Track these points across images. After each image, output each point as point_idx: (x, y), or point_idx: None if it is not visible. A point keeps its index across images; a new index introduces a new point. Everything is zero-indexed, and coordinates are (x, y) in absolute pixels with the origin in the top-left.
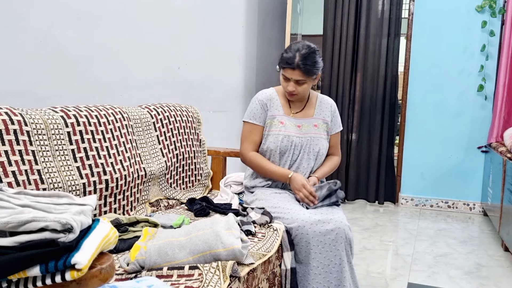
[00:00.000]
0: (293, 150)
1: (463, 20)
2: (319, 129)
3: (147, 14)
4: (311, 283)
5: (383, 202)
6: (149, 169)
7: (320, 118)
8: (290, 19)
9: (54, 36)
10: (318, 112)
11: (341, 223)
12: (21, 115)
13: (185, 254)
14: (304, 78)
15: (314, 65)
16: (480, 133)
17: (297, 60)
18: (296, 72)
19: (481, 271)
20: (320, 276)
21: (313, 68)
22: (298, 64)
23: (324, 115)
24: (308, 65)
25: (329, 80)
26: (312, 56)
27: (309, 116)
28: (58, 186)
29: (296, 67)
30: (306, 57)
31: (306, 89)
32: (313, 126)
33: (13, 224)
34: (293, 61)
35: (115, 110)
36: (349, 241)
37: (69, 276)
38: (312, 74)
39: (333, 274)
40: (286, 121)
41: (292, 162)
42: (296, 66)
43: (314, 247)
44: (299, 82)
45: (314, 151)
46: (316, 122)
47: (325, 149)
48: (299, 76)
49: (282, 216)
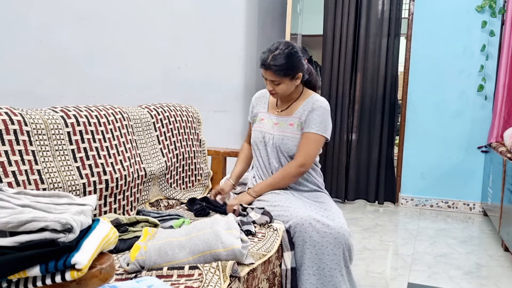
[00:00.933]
0: (263, 146)
1: (463, 20)
2: (293, 128)
3: (147, 14)
4: (304, 284)
5: (383, 202)
6: (149, 169)
7: (297, 117)
8: (290, 19)
9: (54, 36)
10: (299, 111)
11: (342, 228)
12: (21, 115)
13: (185, 254)
14: (276, 78)
15: (285, 66)
16: (480, 133)
17: (269, 60)
18: (268, 73)
19: (481, 271)
20: (314, 277)
21: (284, 70)
22: (269, 65)
23: (302, 113)
24: (278, 66)
25: (329, 80)
26: (286, 57)
27: (289, 114)
28: (58, 186)
29: (267, 68)
30: (278, 58)
31: (284, 89)
32: (288, 125)
33: (13, 224)
34: (265, 62)
35: (115, 110)
36: (348, 247)
37: (69, 276)
38: (285, 75)
39: (327, 277)
40: (266, 118)
41: (264, 158)
42: (267, 66)
43: (310, 247)
44: (274, 82)
45: (284, 151)
46: (292, 121)
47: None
48: (271, 76)
49: (281, 213)
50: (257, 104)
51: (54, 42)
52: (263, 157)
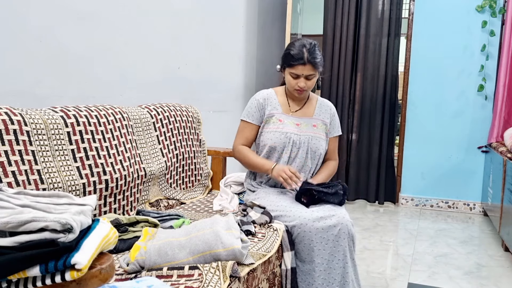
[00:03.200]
0: (291, 147)
1: (463, 20)
2: (318, 129)
3: (147, 14)
4: (316, 280)
5: (383, 202)
6: (149, 169)
7: (319, 119)
8: (290, 19)
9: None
10: (318, 113)
11: (344, 218)
12: (21, 115)
13: (185, 254)
14: (314, 72)
15: (322, 59)
16: (480, 133)
17: (306, 55)
18: (308, 67)
19: (481, 271)
20: (325, 272)
21: (321, 61)
22: (308, 59)
23: (323, 116)
24: (317, 59)
25: (329, 80)
26: (317, 49)
27: (308, 115)
28: (58, 186)
29: (307, 62)
30: (314, 51)
31: (313, 84)
32: (312, 126)
33: (13, 224)
34: (303, 57)
35: (115, 110)
36: (351, 237)
37: (69, 276)
38: (320, 67)
39: (337, 270)
40: (284, 119)
41: (290, 159)
42: (307, 61)
43: (318, 244)
44: (309, 77)
45: (312, 151)
46: (315, 122)
47: (323, 149)
48: (310, 70)
49: (283, 214)
50: (268, 105)
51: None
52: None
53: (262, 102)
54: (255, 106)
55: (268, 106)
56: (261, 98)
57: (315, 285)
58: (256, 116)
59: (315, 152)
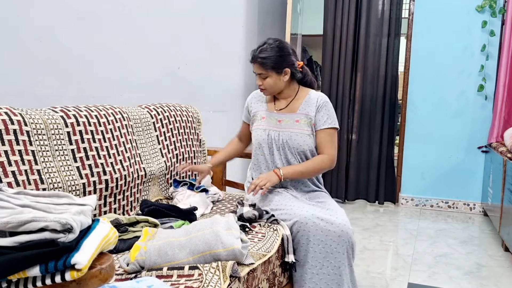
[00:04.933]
0: (269, 144)
1: (463, 20)
2: (300, 124)
3: (147, 14)
4: (307, 283)
5: (383, 202)
6: (149, 169)
7: (303, 113)
8: (290, 19)
9: (54, 36)
10: (303, 108)
11: (345, 226)
12: (21, 115)
13: (185, 254)
14: (263, 71)
15: (273, 59)
16: (480, 133)
17: (256, 53)
18: (256, 66)
19: (481, 271)
20: (317, 276)
21: (271, 62)
22: (256, 57)
23: (308, 110)
24: (264, 58)
25: (329, 80)
26: (273, 50)
27: (292, 111)
28: (58, 186)
29: (254, 60)
30: (265, 50)
31: (271, 83)
32: (294, 122)
33: (13, 224)
34: (253, 55)
35: (115, 110)
36: (351, 245)
37: (69, 276)
38: (272, 68)
39: (331, 276)
40: (267, 116)
41: (271, 155)
42: (254, 59)
43: (314, 246)
44: (261, 76)
45: (294, 147)
46: (298, 117)
47: (307, 145)
48: (258, 69)
49: (284, 212)
50: (254, 103)
51: (54, 42)
52: (267, 155)
53: (249, 100)
54: (246, 105)
55: (255, 104)
56: (250, 97)
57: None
58: (245, 114)
59: (297, 148)
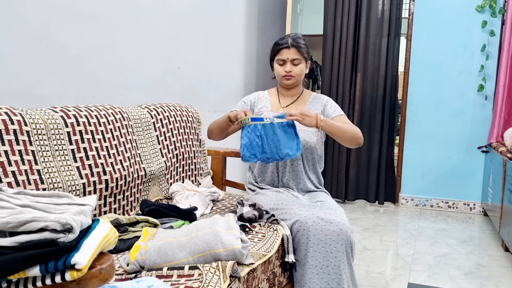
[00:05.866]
0: None
1: (463, 20)
2: None
3: (147, 14)
4: (308, 283)
5: (383, 202)
6: (149, 169)
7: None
8: (290, 19)
9: (54, 36)
10: (309, 107)
11: (344, 225)
12: (21, 115)
13: (185, 254)
14: (299, 56)
15: (305, 46)
16: (480, 133)
17: (290, 40)
18: (292, 51)
19: (481, 271)
20: (317, 276)
21: (305, 48)
22: (292, 43)
23: (314, 109)
24: (300, 44)
25: (329, 80)
26: (302, 39)
27: None
28: (58, 186)
29: (291, 46)
30: (297, 38)
31: (302, 70)
32: None
33: (13, 224)
34: (287, 41)
35: (115, 110)
36: (350, 244)
37: (69, 276)
38: (305, 53)
39: (331, 275)
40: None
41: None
42: (290, 45)
43: (314, 245)
44: (294, 62)
45: (303, 146)
46: None
47: (314, 142)
48: (294, 54)
49: (284, 212)
50: (258, 103)
51: (54, 42)
52: None
53: (253, 99)
54: (244, 102)
55: (259, 104)
56: (253, 96)
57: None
58: (243, 107)
59: (304, 145)
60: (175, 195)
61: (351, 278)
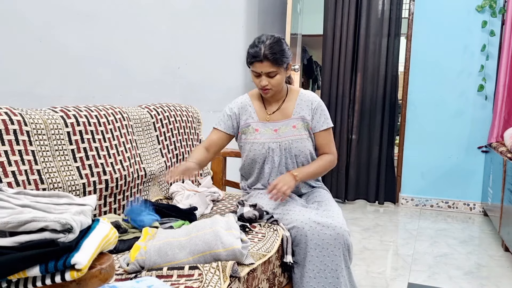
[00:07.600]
0: (272, 157)
1: (463, 20)
2: (298, 130)
3: (147, 14)
4: (305, 286)
5: (383, 202)
6: (149, 169)
7: (299, 118)
8: (290, 19)
9: (54, 36)
10: (297, 111)
11: (341, 228)
12: (21, 115)
13: (185, 254)
14: (274, 69)
15: (281, 53)
16: (480, 133)
17: (263, 51)
18: (265, 64)
19: (481, 271)
20: (314, 280)
21: (281, 57)
22: (265, 55)
23: (303, 113)
24: (275, 54)
25: (329, 80)
26: (278, 44)
27: (287, 117)
28: (58, 186)
29: (264, 59)
30: (272, 46)
31: (280, 81)
32: (291, 128)
33: (13, 224)
34: (259, 54)
35: (115, 110)
36: (347, 247)
37: (69, 276)
38: (281, 63)
39: (328, 279)
40: (261, 128)
41: (273, 168)
42: (263, 57)
43: (312, 250)
44: (270, 75)
45: (296, 154)
46: (294, 122)
47: (308, 149)
48: (269, 67)
49: (282, 216)
50: (242, 114)
51: (54, 42)
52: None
53: (236, 112)
54: (227, 116)
55: (243, 115)
56: (235, 107)
57: None
58: (228, 124)
59: (299, 155)
60: (175, 195)
61: (349, 281)
